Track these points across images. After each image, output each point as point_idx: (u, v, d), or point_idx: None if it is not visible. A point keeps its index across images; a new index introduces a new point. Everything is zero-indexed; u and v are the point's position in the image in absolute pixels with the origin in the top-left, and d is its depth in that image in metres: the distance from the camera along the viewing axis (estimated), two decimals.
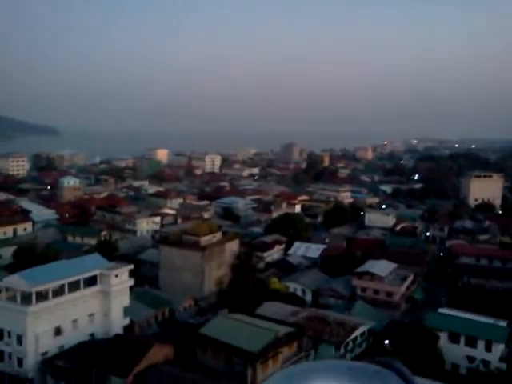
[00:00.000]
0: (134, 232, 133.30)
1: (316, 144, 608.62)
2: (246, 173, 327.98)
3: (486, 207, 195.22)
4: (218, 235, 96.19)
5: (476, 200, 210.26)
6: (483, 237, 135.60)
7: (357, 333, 66.85)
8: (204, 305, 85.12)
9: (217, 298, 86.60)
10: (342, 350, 64.52)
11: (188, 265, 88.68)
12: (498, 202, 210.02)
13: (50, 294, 59.06)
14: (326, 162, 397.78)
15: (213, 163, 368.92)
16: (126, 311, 68.03)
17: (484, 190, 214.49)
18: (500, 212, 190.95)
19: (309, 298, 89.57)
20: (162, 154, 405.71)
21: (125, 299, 68.04)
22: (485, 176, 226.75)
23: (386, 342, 66.79)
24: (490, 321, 70.13)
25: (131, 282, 69.44)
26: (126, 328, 68.03)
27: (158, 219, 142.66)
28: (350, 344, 66.12)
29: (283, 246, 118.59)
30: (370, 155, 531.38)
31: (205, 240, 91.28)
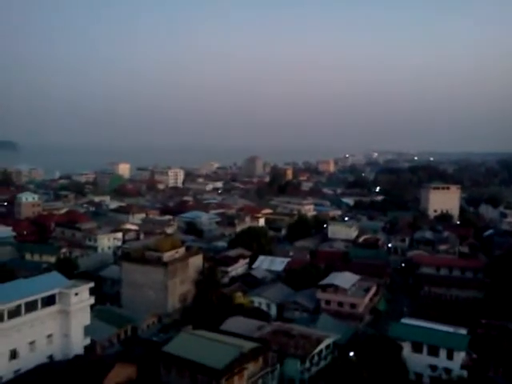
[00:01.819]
0: (95, 248, 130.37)
1: (279, 158, 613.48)
2: (209, 187, 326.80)
3: (444, 218, 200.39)
4: (182, 250, 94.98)
5: (435, 211, 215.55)
6: (443, 247, 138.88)
7: (322, 346, 66.78)
8: (168, 322, 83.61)
9: (180, 314, 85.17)
10: (308, 364, 64.32)
11: (151, 281, 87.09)
12: (455, 212, 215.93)
13: (6, 316, 56.68)
14: (290, 175, 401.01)
15: (176, 178, 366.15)
16: (87, 331, 65.99)
17: (442, 201, 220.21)
18: (458, 222, 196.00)
19: (274, 311, 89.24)
20: (124, 169, 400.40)
21: (85, 318, 66.02)
22: (443, 188, 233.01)
23: (351, 353, 67.01)
24: (451, 329, 71.51)
25: (92, 300, 67.49)
26: (86, 348, 65.94)
27: (119, 235, 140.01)
28: (316, 357, 65.99)
29: (247, 260, 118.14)
30: (332, 168, 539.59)
31: (168, 256, 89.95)
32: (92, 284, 68.66)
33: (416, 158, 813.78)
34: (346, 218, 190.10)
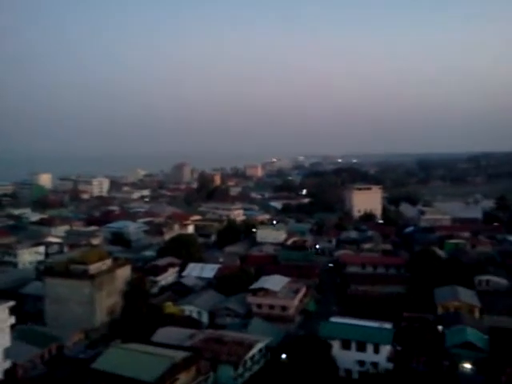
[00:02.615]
0: (15, 264, 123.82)
1: (207, 164, 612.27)
2: (136, 195, 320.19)
3: (368, 217, 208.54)
4: (108, 262, 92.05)
5: (359, 211, 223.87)
6: (367, 245, 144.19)
7: (254, 350, 67.13)
8: (95, 337, 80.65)
9: (109, 328, 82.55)
10: (241, 369, 64.41)
11: (76, 296, 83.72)
12: (378, 211, 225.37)
13: None
14: (218, 181, 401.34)
15: (101, 187, 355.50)
16: (7, 353, 62.27)
17: (366, 201, 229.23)
18: (381, 221, 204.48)
19: (205, 319, 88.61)
20: (45, 179, 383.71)
21: (5, 340, 62.14)
22: (366, 188, 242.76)
23: (283, 355, 67.92)
24: (377, 324, 74.34)
25: (12, 320, 63.66)
26: (7, 372, 62.14)
27: (41, 249, 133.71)
28: (249, 362, 66.23)
29: (177, 269, 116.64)
30: (260, 173, 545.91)
31: (94, 268, 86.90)
32: (12, 303, 64.92)
33: (340, 161, 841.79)
34: (275, 222, 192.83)
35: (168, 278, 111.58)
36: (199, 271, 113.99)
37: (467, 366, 67.10)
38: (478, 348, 67.85)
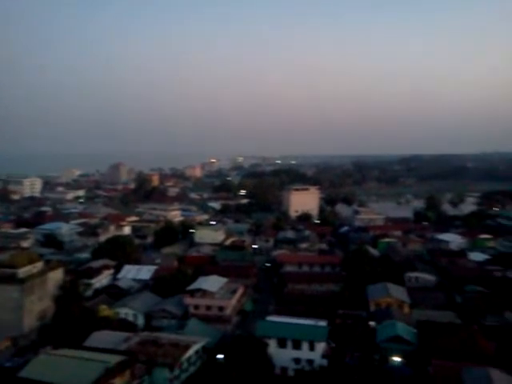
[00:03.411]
0: None
1: (145, 164, 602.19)
2: (70, 196, 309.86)
3: (305, 217, 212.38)
4: (39, 265, 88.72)
5: (296, 211, 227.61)
6: (304, 245, 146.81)
7: (191, 351, 66.67)
8: (24, 344, 77.31)
9: (39, 334, 79.35)
10: (177, 371, 63.81)
11: (4, 301, 79.95)
12: (315, 212, 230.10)
13: None
14: (156, 181, 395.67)
15: (33, 187, 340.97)
16: None
17: (303, 201, 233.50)
18: (317, 221, 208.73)
19: (141, 321, 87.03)
20: None
21: None
22: (303, 189, 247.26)
23: (220, 356, 67.92)
24: (312, 322, 75.93)
25: None
26: None
27: None
28: (185, 363, 65.70)
29: (112, 271, 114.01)
30: (198, 173, 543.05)
31: (23, 271, 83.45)
32: None
33: (279, 162, 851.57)
34: (213, 222, 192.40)
35: (103, 280, 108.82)
36: (135, 273, 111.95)
37: (397, 358, 69.79)
38: (406, 341, 70.77)
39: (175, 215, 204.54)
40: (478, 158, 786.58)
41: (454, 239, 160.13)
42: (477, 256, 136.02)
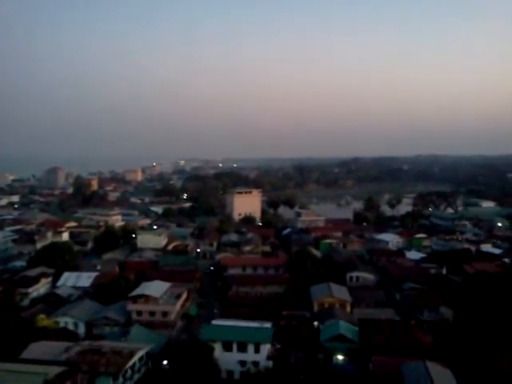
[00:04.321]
0: None
1: (83, 168, 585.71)
2: (3, 202, 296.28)
3: (248, 220, 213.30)
4: None
5: (240, 214, 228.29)
6: (247, 248, 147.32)
7: (135, 359, 65.29)
8: None
9: None
10: (121, 380, 62.31)
11: None
12: (258, 214, 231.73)
13: None
14: (95, 185, 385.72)
15: None
16: None
17: (246, 204, 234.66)
18: (260, 223, 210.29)
19: (82, 330, 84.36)
20: None
21: None
22: (246, 192, 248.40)
23: (165, 362, 66.96)
24: (257, 324, 76.38)
25: None
26: None
27: None
28: (129, 371, 64.28)
29: (50, 279, 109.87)
30: (139, 177, 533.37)
31: None
32: None
33: (221, 165, 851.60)
34: (155, 227, 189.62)
35: (40, 289, 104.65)
36: (75, 280, 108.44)
37: (340, 357, 71.59)
38: (349, 340, 72.58)
39: (116, 220, 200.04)
40: (413, 160, 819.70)
41: (392, 239, 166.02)
42: (413, 255, 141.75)
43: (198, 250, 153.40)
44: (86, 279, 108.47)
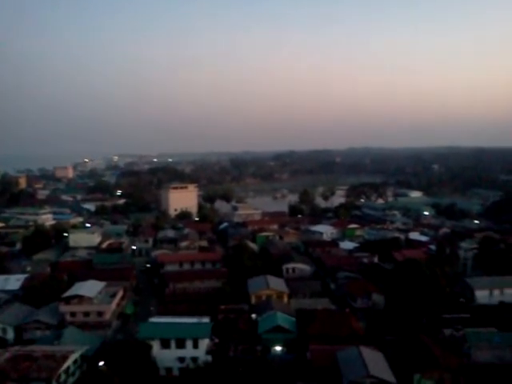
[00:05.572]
0: None
1: (10, 165, 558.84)
2: None
3: (184, 216, 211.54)
4: None
5: (176, 210, 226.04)
6: (184, 243, 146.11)
7: (68, 362, 63.32)
8: None
9: None
10: None
11: None
12: (194, 209, 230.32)
13: None
14: (23, 183, 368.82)
15: None
16: None
17: (182, 199, 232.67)
18: (197, 219, 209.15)
19: (11, 336, 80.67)
20: None
21: None
22: (181, 187, 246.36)
23: (101, 363, 65.42)
24: (195, 320, 76.24)
25: None
26: None
27: None
28: (63, 376, 62.28)
29: None
30: (71, 174, 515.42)
31: None
32: None
33: (156, 160, 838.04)
34: (88, 225, 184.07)
35: None
36: (3, 283, 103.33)
37: (278, 348, 72.84)
38: (287, 330, 73.98)
39: (46, 219, 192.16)
40: (347, 153, 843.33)
41: (326, 230, 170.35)
42: (347, 245, 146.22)
43: (134, 248, 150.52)
44: (14, 282, 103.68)
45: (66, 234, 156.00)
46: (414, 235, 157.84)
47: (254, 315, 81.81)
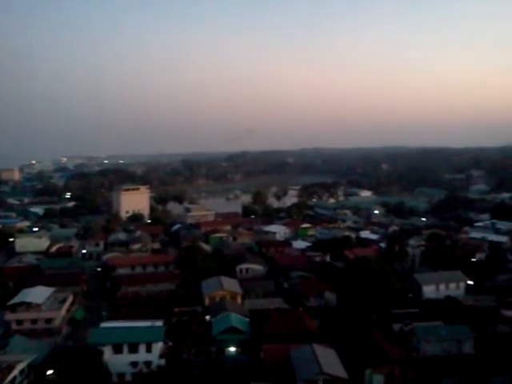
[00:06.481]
0: None
1: None
2: None
3: (136, 218, 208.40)
4: None
5: (127, 212, 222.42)
6: (136, 246, 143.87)
7: (14, 372, 60.96)
8: None
9: None
10: None
11: None
12: (146, 211, 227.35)
13: None
14: None
15: None
16: None
17: (133, 202, 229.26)
18: (149, 221, 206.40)
19: None
20: None
21: None
22: (133, 189, 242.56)
23: (50, 372, 63.47)
24: (148, 324, 75.22)
25: None
26: None
27: None
28: None
29: None
30: (17, 176, 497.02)
31: None
32: None
33: (106, 162, 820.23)
34: (36, 229, 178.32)
35: None
36: None
37: (232, 349, 72.86)
38: (241, 331, 74.08)
39: None
40: (298, 153, 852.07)
41: (279, 230, 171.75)
42: (299, 244, 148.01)
43: (84, 251, 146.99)
44: None
45: (11, 239, 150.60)
46: (365, 234, 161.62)
47: (207, 317, 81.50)
